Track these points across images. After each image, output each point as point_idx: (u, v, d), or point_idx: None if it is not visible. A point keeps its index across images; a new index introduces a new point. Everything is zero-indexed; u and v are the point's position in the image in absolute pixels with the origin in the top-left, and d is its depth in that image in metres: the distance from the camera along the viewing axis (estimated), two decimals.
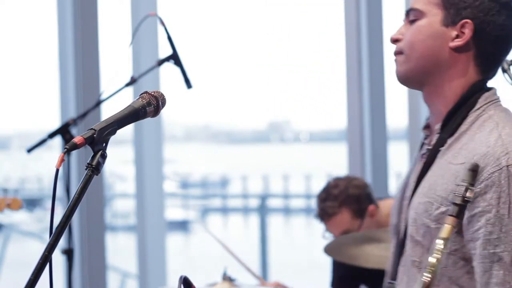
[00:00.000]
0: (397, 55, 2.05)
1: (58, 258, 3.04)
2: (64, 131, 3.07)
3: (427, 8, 1.99)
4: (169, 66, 3.02)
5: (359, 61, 4.46)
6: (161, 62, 3.03)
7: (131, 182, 5.45)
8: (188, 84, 3.02)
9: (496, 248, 1.80)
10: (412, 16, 2.02)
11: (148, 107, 1.61)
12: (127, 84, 3.07)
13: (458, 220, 1.50)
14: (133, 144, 4.69)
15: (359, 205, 3.23)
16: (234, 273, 2.78)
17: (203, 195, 25.05)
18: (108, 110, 3.77)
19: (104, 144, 1.54)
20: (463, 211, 1.51)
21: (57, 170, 1.48)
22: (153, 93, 1.62)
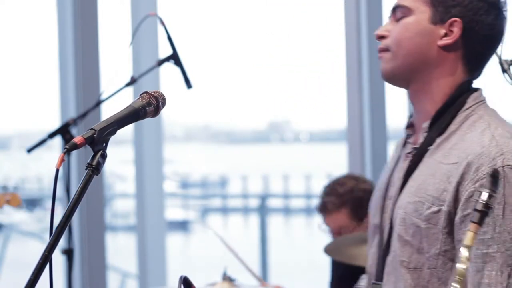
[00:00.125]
0: (383, 52, 2.01)
1: (58, 258, 3.04)
2: (64, 131, 3.07)
3: (415, 5, 1.97)
4: (169, 66, 3.02)
5: (359, 61, 4.45)
6: (161, 62, 3.02)
7: (131, 182, 5.45)
8: (188, 84, 3.02)
9: (489, 248, 1.79)
10: (399, 13, 1.99)
11: (148, 107, 1.61)
12: (127, 84, 3.07)
13: (480, 226, 1.48)
14: (133, 144, 4.69)
15: (360, 209, 3.20)
16: (234, 273, 2.78)
17: (203, 195, 25.05)
18: (108, 110, 3.77)
19: (104, 144, 1.54)
20: (485, 217, 1.48)
21: (57, 170, 1.48)
22: (153, 93, 1.62)
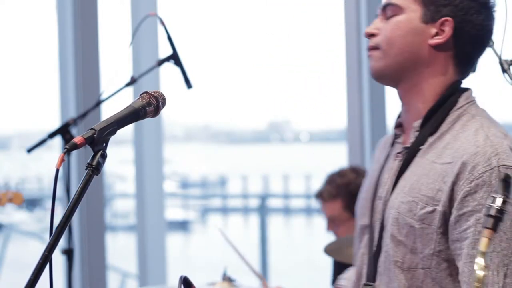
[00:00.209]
0: (373, 50, 1.99)
1: (58, 258, 3.04)
2: (64, 131, 3.07)
3: (406, 3, 1.96)
4: (169, 66, 3.01)
5: (359, 61, 4.45)
6: (161, 62, 3.02)
7: (131, 182, 5.45)
8: (188, 84, 3.02)
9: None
10: (389, 12, 1.98)
11: (148, 107, 1.61)
12: (127, 84, 3.06)
13: (493, 231, 1.47)
14: (133, 144, 4.69)
15: (354, 202, 3.25)
16: (234, 274, 2.77)
17: (203, 195, 25.07)
18: (108, 110, 3.77)
19: (104, 144, 1.53)
20: (499, 223, 1.47)
21: (57, 170, 1.48)
22: (153, 93, 1.62)
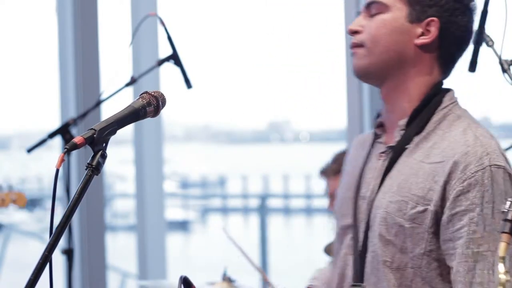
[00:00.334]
0: (357, 47, 1.98)
1: (58, 258, 3.04)
2: (64, 131, 3.07)
3: (392, 2, 1.95)
4: (169, 66, 3.01)
5: None
6: (161, 62, 3.02)
7: (131, 182, 5.45)
8: (188, 84, 3.02)
9: (480, 247, 1.78)
10: (374, 10, 1.96)
11: (148, 107, 1.61)
12: (127, 84, 3.06)
13: (511, 236, 1.45)
14: (133, 144, 4.68)
15: None
16: (234, 274, 2.77)
17: (203, 195, 25.08)
18: (108, 110, 3.77)
19: (104, 144, 1.53)
20: None
21: (57, 170, 1.48)
22: (153, 93, 1.62)
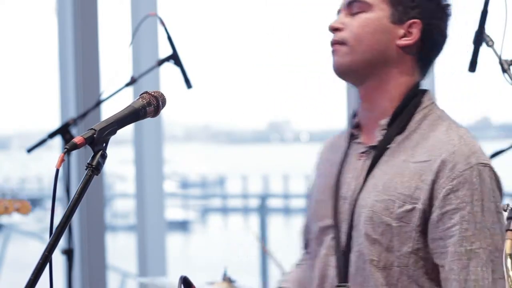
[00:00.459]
0: (338, 45, 1.97)
1: (58, 258, 3.04)
2: (64, 131, 3.07)
3: (375, 1, 1.95)
4: (169, 66, 3.01)
5: None
6: (161, 62, 3.02)
7: (131, 182, 5.45)
8: (188, 84, 3.02)
9: (473, 245, 1.79)
10: (356, 8, 1.96)
11: (148, 107, 1.60)
12: (127, 84, 3.06)
13: None
14: (133, 144, 4.68)
15: None
16: (234, 274, 2.77)
17: (203, 195, 25.10)
18: (108, 110, 3.77)
19: (104, 144, 1.53)
20: None
21: (57, 170, 1.48)
22: (153, 93, 1.62)
